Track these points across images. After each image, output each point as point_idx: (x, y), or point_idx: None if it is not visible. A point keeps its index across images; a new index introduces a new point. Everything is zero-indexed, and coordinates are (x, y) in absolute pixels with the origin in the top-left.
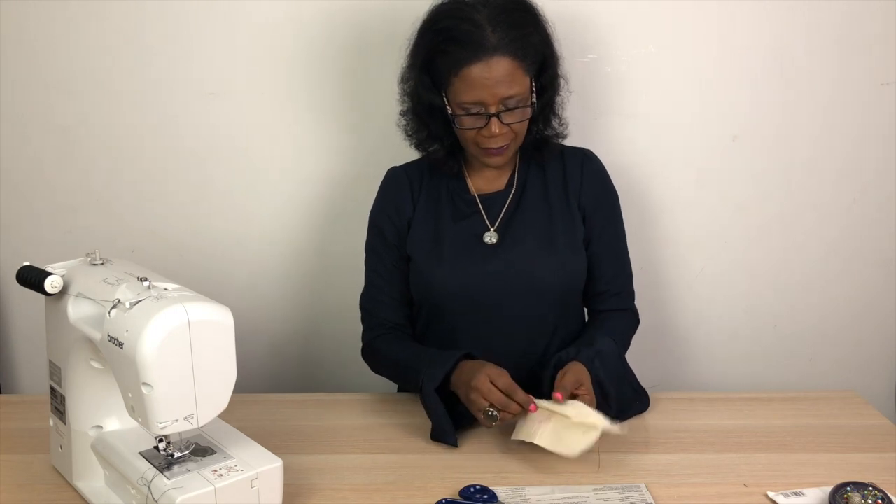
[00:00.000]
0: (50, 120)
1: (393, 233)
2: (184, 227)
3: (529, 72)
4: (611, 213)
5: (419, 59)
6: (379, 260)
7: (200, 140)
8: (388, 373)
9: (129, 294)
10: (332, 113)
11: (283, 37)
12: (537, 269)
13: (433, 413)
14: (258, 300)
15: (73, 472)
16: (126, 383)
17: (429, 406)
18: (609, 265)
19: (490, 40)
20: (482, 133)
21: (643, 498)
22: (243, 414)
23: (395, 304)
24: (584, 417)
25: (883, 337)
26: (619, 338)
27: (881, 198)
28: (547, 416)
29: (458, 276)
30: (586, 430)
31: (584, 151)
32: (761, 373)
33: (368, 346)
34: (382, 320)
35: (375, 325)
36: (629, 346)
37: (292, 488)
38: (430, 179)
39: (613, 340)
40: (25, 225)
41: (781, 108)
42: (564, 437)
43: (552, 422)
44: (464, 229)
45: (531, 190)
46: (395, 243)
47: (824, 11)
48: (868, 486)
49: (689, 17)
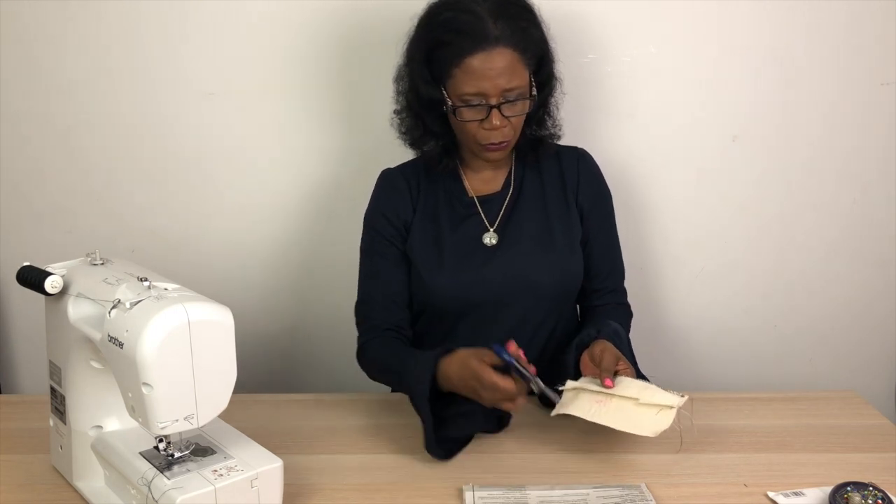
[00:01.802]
0: (50, 120)
1: (391, 233)
2: (184, 227)
3: (529, 66)
4: (606, 210)
5: (419, 52)
6: (373, 262)
7: (200, 140)
8: (377, 376)
9: (129, 294)
10: (332, 113)
11: (282, 37)
12: (538, 269)
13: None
14: (258, 300)
15: (73, 472)
16: (126, 383)
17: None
18: (605, 262)
19: (492, 31)
20: (483, 126)
21: (643, 498)
22: (243, 414)
23: (391, 305)
24: (653, 398)
25: (883, 337)
26: (625, 326)
27: (881, 198)
28: (607, 397)
29: (459, 280)
30: (660, 409)
31: (578, 150)
32: (761, 373)
33: (360, 350)
34: (375, 323)
35: (367, 329)
36: None
37: (292, 488)
38: (427, 181)
39: (621, 324)
40: (25, 225)
41: (781, 108)
42: (634, 417)
43: (614, 401)
44: (463, 232)
45: (528, 190)
46: (393, 244)
47: (824, 11)
48: (868, 486)
49: (689, 17)
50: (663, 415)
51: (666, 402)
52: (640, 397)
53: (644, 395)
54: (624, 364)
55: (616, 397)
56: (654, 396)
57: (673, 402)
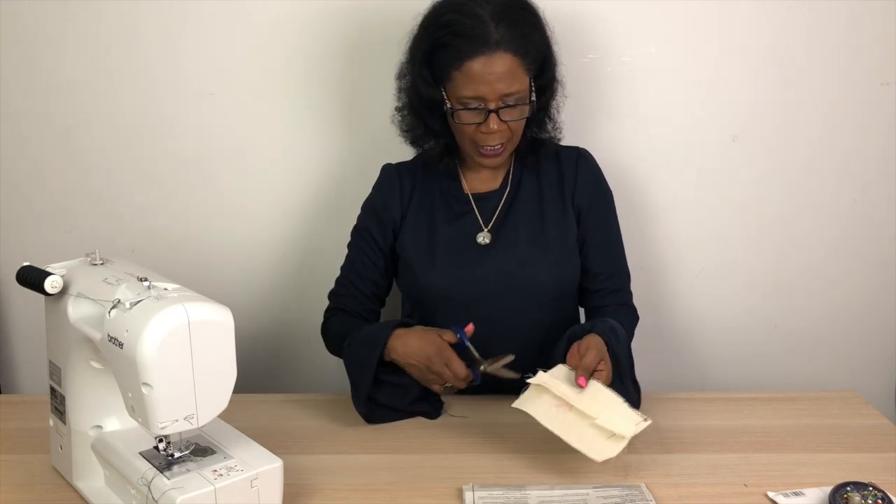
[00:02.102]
0: (50, 120)
1: (375, 228)
2: (184, 227)
3: (529, 71)
4: (605, 211)
5: (420, 52)
6: (355, 252)
7: (200, 140)
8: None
9: (129, 294)
10: (332, 113)
11: (283, 37)
12: (530, 269)
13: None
14: (258, 300)
15: (73, 472)
16: (126, 383)
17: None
18: (605, 263)
19: (493, 36)
20: (480, 130)
21: (643, 498)
22: (243, 414)
23: (360, 295)
24: (610, 421)
25: (883, 337)
26: (625, 324)
27: (881, 198)
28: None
29: (450, 278)
30: (611, 435)
31: (578, 150)
32: (761, 373)
33: (325, 323)
34: (343, 308)
35: (334, 308)
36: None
37: (292, 488)
38: (424, 179)
39: (621, 325)
40: (25, 225)
41: (781, 108)
42: (587, 437)
43: (572, 413)
44: (457, 229)
45: (525, 190)
46: (376, 239)
47: (824, 11)
48: (868, 486)
49: (689, 17)
50: (613, 442)
51: (621, 429)
52: (598, 417)
53: (602, 416)
54: (603, 366)
55: (575, 410)
56: (612, 420)
57: (626, 432)
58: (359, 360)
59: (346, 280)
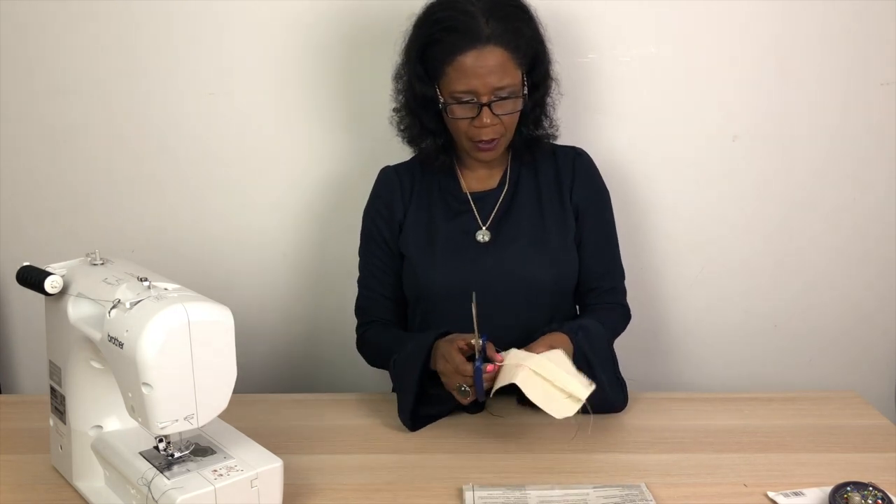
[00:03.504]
0: (50, 120)
1: (385, 231)
2: (184, 227)
3: (521, 65)
4: (602, 210)
5: (414, 50)
6: (370, 260)
7: (200, 140)
8: (376, 359)
9: (129, 294)
10: (332, 113)
11: (283, 37)
12: (529, 267)
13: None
14: (258, 300)
15: (73, 472)
16: (126, 383)
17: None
18: (600, 262)
19: (484, 30)
20: (473, 124)
21: (643, 498)
22: (243, 414)
23: (386, 302)
24: (567, 384)
25: (883, 337)
26: (605, 323)
27: (881, 198)
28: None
29: (450, 275)
30: (568, 396)
31: (575, 150)
32: (761, 373)
33: (359, 339)
34: (373, 319)
35: (365, 322)
36: (617, 336)
37: (292, 488)
38: (423, 178)
39: (600, 323)
40: (25, 225)
41: (781, 108)
42: (549, 394)
43: (529, 372)
44: (456, 227)
45: (524, 188)
46: (386, 242)
47: (825, 11)
48: (868, 486)
49: (689, 17)
50: (570, 402)
51: (576, 392)
52: (555, 380)
53: (558, 379)
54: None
55: (533, 373)
56: (569, 385)
57: (581, 395)
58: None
59: (368, 291)
